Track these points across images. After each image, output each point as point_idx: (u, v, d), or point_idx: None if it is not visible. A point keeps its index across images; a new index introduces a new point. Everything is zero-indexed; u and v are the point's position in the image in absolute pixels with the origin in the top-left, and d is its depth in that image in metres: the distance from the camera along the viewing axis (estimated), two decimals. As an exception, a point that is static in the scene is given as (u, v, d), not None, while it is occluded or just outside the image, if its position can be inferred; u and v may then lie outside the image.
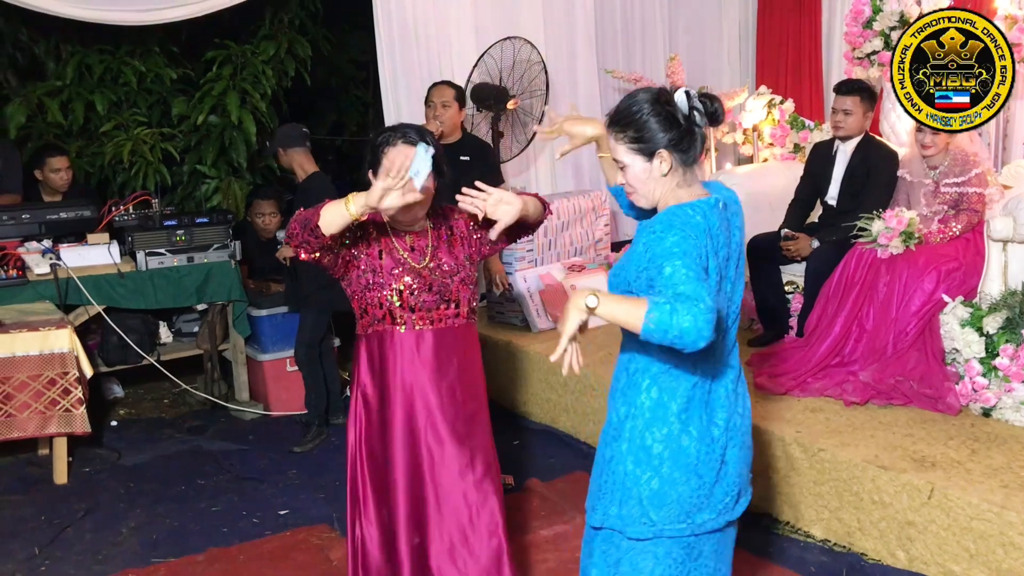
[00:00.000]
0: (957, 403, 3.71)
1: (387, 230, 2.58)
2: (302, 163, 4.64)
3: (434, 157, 2.45)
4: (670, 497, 2.01)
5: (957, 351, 3.79)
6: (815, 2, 6.30)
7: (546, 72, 5.42)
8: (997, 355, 3.66)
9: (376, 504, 2.62)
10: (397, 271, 2.53)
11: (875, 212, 4.13)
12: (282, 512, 3.96)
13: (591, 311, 1.86)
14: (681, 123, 1.98)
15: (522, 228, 2.61)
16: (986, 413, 3.66)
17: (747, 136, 5.90)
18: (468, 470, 2.61)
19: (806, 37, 6.38)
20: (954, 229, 4.08)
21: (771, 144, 5.77)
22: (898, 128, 4.98)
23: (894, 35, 4.86)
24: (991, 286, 3.93)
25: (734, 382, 2.10)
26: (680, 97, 1.99)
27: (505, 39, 5.44)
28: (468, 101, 5.39)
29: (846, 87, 4.54)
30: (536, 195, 2.64)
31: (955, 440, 3.43)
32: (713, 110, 2.01)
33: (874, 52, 5.00)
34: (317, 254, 2.45)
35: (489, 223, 2.46)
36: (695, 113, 1.99)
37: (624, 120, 2.02)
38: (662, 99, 1.99)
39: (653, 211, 2.08)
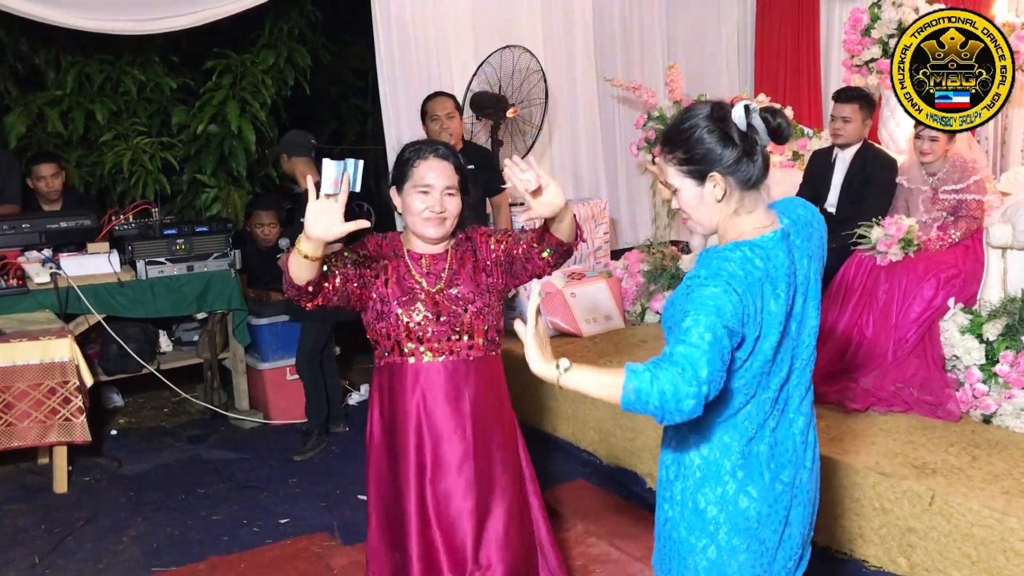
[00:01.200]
0: (958, 410, 3.71)
1: (403, 253, 2.45)
2: (305, 172, 4.65)
3: (460, 171, 2.37)
4: (730, 568, 1.80)
5: (957, 358, 3.80)
6: (813, 10, 6.32)
7: (545, 80, 5.43)
8: (997, 362, 3.67)
9: (386, 550, 2.50)
10: (405, 299, 2.38)
11: (874, 219, 4.14)
12: (282, 521, 3.96)
13: (561, 375, 1.68)
14: (737, 142, 1.75)
15: (558, 253, 2.36)
16: (987, 420, 3.66)
17: (746, 144, 5.91)
18: (471, 520, 2.42)
19: (804, 45, 6.40)
20: (953, 236, 4.08)
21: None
22: (897, 135, 4.99)
23: (892, 43, 4.88)
24: (991, 293, 3.94)
25: (804, 432, 1.86)
26: (738, 112, 1.76)
27: (504, 48, 5.45)
28: (467, 109, 5.40)
29: (845, 95, 4.55)
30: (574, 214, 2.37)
31: (956, 447, 3.43)
32: (776, 125, 1.77)
33: (872, 60, 5.02)
34: (318, 301, 2.30)
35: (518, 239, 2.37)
36: (754, 130, 1.76)
37: (673, 138, 1.81)
38: (716, 115, 1.77)
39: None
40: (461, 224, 2.48)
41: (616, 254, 5.92)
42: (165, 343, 5.34)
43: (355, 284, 2.36)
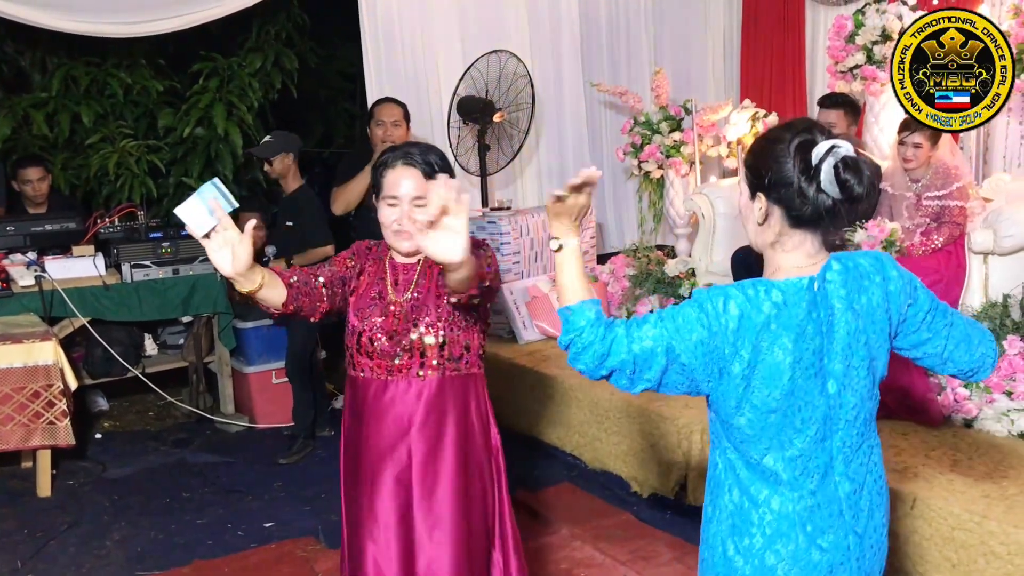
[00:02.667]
0: (939, 414, 3.73)
1: (385, 259, 2.34)
2: (296, 173, 4.68)
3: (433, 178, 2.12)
4: None
5: (939, 362, 3.82)
6: (798, 17, 6.35)
7: (532, 85, 5.45)
8: (979, 366, 3.69)
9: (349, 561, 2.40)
10: (365, 310, 2.27)
11: (857, 224, 4.17)
12: (267, 524, 3.95)
13: (557, 250, 1.73)
14: (797, 176, 1.62)
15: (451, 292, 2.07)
16: (968, 424, 3.69)
17: (731, 149, 5.94)
18: (398, 547, 2.26)
19: (790, 51, 6.44)
20: (936, 242, 4.11)
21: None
22: (880, 141, 5.02)
23: (876, 49, 4.91)
24: (972, 298, 3.97)
25: (851, 496, 1.71)
26: (818, 149, 1.61)
27: (491, 52, 5.47)
28: (454, 114, 5.41)
29: (829, 101, 4.59)
30: (486, 260, 2.11)
31: (937, 451, 3.46)
32: (844, 180, 1.59)
33: (857, 66, 5.05)
34: (323, 307, 2.24)
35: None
36: (821, 174, 1.61)
37: (758, 141, 1.73)
38: (802, 140, 1.63)
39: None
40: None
41: (602, 258, 5.93)
42: (150, 346, 5.33)
43: (339, 289, 2.30)
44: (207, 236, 1.92)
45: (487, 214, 5.34)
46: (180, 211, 1.91)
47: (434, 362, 2.25)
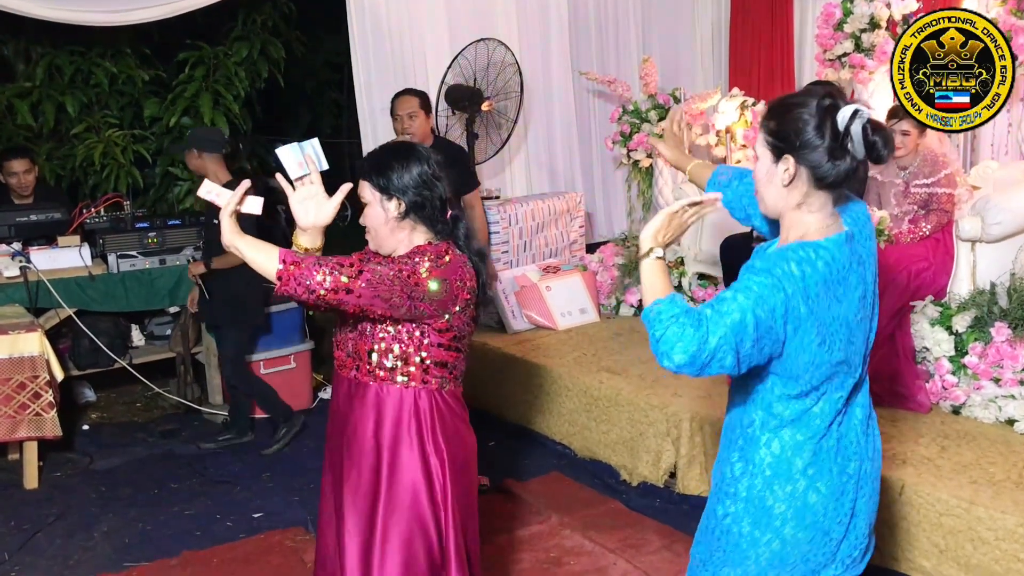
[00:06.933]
0: (927, 401, 3.75)
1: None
2: (216, 170, 4.42)
3: (379, 188, 2.17)
4: (792, 557, 1.84)
5: (927, 350, 3.84)
6: (787, 5, 6.34)
7: (520, 74, 5.43)
8: (966, 353, 3.71)
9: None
10: None
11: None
12: (256, 515, 3.95)
13: (647, 255, 1.81)
14: (826, 138, 1.71)
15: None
16: (956, 411, 3.70)
17: (720, 138, 5.93)
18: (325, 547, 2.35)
19: (778, 39, 6.43)
20: (924, 229, 4.12)
21: (744, 146, 5.80)
22: (868, 129, 5.02)
23: (864, 37, 4.91)
24: (960, 285, 3.98)
25: (864, 422, 1.90)
26: (843, 112, 1.72)
27: (479, 41, 5.43)
28: (442, 103, 5.38)
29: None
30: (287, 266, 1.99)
31: (925, 438, 3.47)
32: (872, 141, 1.71)
33: (845, 54, 5.04)
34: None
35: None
36: (849, 136, 1.71)
37: (777, 107, 1.81)
38: (825, 103, 1.73)
39: (775, 224, 1.90)
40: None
41: (591, 248, 5.93)
42: (137, 337, 5.30)
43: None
44: (293, 185, 2.08)
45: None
46: (280, 151, 2.10)
47: (367, 367, 2.22)
